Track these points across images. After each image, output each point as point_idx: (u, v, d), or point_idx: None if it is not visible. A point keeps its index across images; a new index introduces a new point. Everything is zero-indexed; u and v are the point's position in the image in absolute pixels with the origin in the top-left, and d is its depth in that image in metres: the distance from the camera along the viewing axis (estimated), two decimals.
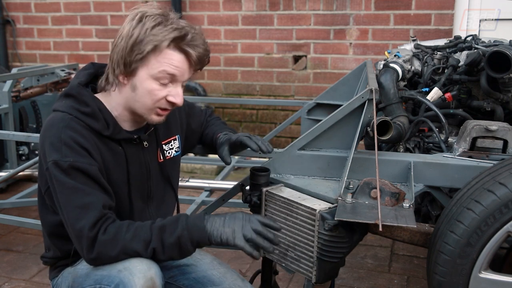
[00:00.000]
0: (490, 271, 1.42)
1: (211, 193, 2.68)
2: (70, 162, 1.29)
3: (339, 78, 2.85)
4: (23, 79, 3.15)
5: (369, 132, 1.58)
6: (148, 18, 1.32)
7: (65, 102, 1.39)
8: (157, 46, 1.32)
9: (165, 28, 1.32)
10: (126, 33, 1.33)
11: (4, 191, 3.33)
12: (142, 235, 1.31)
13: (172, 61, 1.35)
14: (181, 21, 1.37)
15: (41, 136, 1.36)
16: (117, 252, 1.29)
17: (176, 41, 1.33)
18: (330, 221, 1.44)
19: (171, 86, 1.38)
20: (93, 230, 1.28)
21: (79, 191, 1.30)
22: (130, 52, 1.32)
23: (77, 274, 1.42)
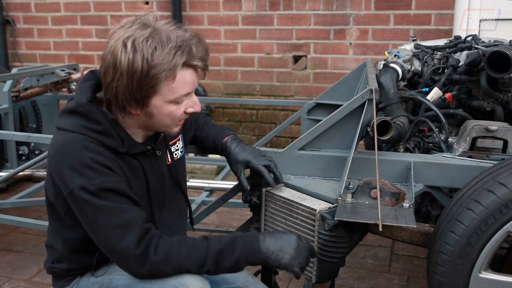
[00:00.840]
0: (490, 271, 1.42)
1: (211, 193, 2.68)
2: (98, 184, 1.25)
3: (339, 78, 2.85)
4: (23, 79, 3.15)
5: (369, 132, 1.58)
6: (141, 45, 1.22)
7: (73, 120, 1.32)
8: (168, 75, 1.25)
9: (167, 52, 1.23)
10: (125, 68, 1.23)
11: (4, 191, 3.33)
12: (196, 255, 1.30)
13: (185, 83, 1.30)
14: (169, 27, 1.28)
15: (54, 160, 1.30)
16: (170, 271, 1.29)
17: (185, 62, 1.27)
18: (330, 221, 1.44)
19: (186, 98, 1.34)
20: (139, 248, 1.26)
21: (115, 210, 1.26)
22: (138, 88, 1.25)
23: (111, 284, 1.39)
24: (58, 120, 1.36)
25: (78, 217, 1.31)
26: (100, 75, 1.31)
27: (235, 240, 1.32)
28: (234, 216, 3.16)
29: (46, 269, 1.52)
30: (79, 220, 1.32)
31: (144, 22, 1.27)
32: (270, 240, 1.33)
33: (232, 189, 1.86)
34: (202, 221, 2.14)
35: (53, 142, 1.34)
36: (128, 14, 4.24)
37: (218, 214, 3.15)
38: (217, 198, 1.99)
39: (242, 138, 4.10)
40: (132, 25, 1.26)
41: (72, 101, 1.36)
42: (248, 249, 1.32)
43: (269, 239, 1.33)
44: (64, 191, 1.29)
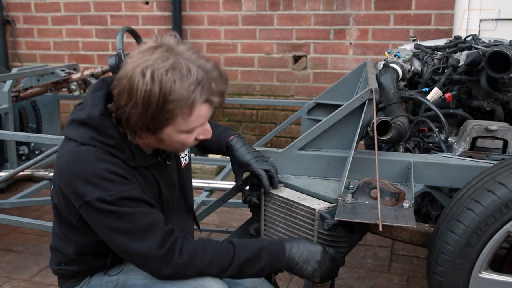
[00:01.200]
0: (490, 271, 1.42)
1: (211, 193, 2.68)
2: (115, 195, 1.24)
3: (339, 78, 2.85)
4: (23, 79, 3.15)
5: (369, 132, 1.58)
6: (160, 77, 1.18)
7: (84, 132, 1.29)
8: (184, 111, 1.23)
9: (186, 87, 1.20)
10: (141, 98, 1.19)
11: (4, 191, 3.33)
12: (220, 261, 1.31)
13: (201, 116, 1.27)
14: (190, 55, 1.23)
15: (65, 172, 1.28)
16: (192, 273, 1.30)
17: (203, 99, 1.24)
18: (329, 220, 1.44)
19: (199, 127, 1.32)
20: (163, 249, 1.27)
21: (136, 214, 1.27)
22: (152, 119, 1.22)
23: (127, 283, 1.39)
24: (68, 129, 1.34)
25: (93, 226, 1.30)
26: (113, 93, 1.27)
27: (262, 250, 1.33)
28: (234, 216, 3.16)
29: (53, 270, 1.51)
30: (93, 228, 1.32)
31: (165, 48, 1.23)
32: (297, 251, 1.36)
33: (232, 189, 1.86)
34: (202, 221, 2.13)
35: (62, 153, 1.31)
36: (128, 14, 4.24)
37: (218, 214, 3.15)
38: (217, 198, 1.99)
39: None
40: (153, 53, 1.21)
41: (83, 110, 1.33)
42: (273, 260, 1.34)
43: (295, 249, 1.36)
44: (77, 203, 1.28)
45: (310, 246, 1.38)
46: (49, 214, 3.19)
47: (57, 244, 1.47)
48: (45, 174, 2.92)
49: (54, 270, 1.51)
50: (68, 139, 1.32)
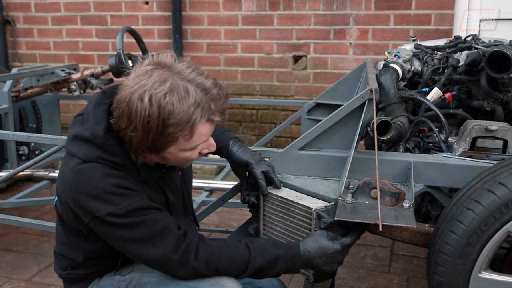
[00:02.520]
0: (490, 271, 1.42)
1: (211, 193, 2.68)
2: (126, 207, 1.25)
3: (339, 78, 2.85)
4: (23, 79, 3.15)
5: (369, 132, 1.58)
6: (158, 102, 1.17)
7: (88, 149, 1.28)
8: (185, 133, 1.22)
9: (185, 110, 1.19)
10: (140, 123, 1.19)
11: (4, 191, 3.33)
12: (235, 267, 1.34)
13: (202, 135, 1.27)
14: (188, 74, 1.22)
15: (72, 190, 1.27)
16: (210, 275, 1.32)
17: (203, 119, 1.23)
18: (326, 219, 1.44)
19: (202, 143, 1.32)
20: (178, 253, 1.28)
21: (147, 222, 1.27)
22: (153, 142, 1.23)
23: (142, 280, 1.40)
24: (70, 144, 1.32)
25: (105, 237, 1.31)
26: (113, 114, 1.26)
27: (277, 259, 1.36)
28: (234, 216, 3.16)
29: (60, 275, 1.50)
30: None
31: (163, 69, 1.21)
32: (315, 254, 1.38)
33: (232, 189, 1.86)
34: (202, 221, 2.14)
35: (67, 169, 1.30)
36: (128, 14, 4.24)
37: (218, 214, 3.15)
38: (217, 198, 1.99)
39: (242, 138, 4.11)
40: (150, 76, 1.20)
41: (86, 127, 1.30)
42: (289, 267, 1.38)
43: (313, 252, 1.38)
44: (86, 218, 1.28)
45: (327, 248, 1.38)
46: (49, 214, 3.20)
47: (63, 250, 1.46)
48: (45, 174, 2.92)
49: (60, 275, 1.50)
50: (71, 155, 1.31)
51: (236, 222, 3.04)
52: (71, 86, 3.05)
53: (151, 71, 1.21)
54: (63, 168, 1.33)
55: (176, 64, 1.24)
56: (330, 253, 1.38)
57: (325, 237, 1.40)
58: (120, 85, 1.26)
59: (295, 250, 1.38)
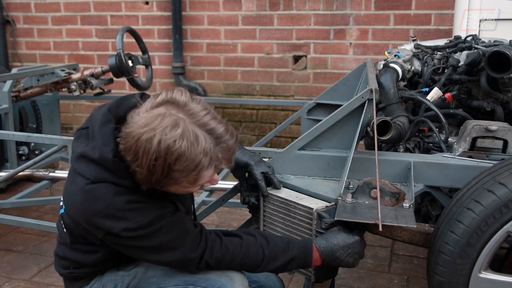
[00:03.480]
0: (490, 271, 1.42)
1: (211, 193, 2.68)
2: (141, 221, 1.25)
3: (339, 78, 2.85)
4: (23, 79, 3.15)
5: (369, 132, 1.58)
6: (167, 149, 1.17)
7: (96, 170, 1.27)
8: (187, 176, 1.22)
9: (192, 158, 1.18)
10: (146, 164, 1.19)
11: (4, 191, 3.33)
12: (246, 268, 1.39)
13: (205, 177, 1.27)
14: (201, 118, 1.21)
15: (84, 210, 1.26)
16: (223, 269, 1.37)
17: (209, 166, 1.23)
18: (327, 219, 1.44)
19: None
20: (197, 251, 1.32)
21: (164, 230, 1.29)
22: (157, 182, 1.23)
23: (147, 274, 1.41)
24: (77, 164, 1.31)
25: (121, 249, 1.33)
26: (120, 145, 1.25)
27: (290, 261, 1.39)
28: (234, 216, 3.16)
29: (61, 273, 1.49)
30: None
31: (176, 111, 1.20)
32: (337, 248, 1.40)
33: (232, 189, 1.86)
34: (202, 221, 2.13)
35: (75, 189, 1.28)
36: (128, 14, 4.24)
37: (218, 214, 3.15)
38: (217, 198, 1.99)
39: (242, 138, 4.11)
40: (163, 119, 1.18)
41: (94, 147, 1.29)
42: (300, 266, 1.42)
43: (336, 247, 1.40)
44: (99, 234, 1.29)
45: (348, 239, 1.41)
46: (49, 214, 3.20)
47: (67, 253, 1.45)
48: (45, 174, 2.92)
49: (62, 273, 1.49)
50: (78, 174, 1.30)
51: (236, 222, 3.03)
52: (71, 86, 3.05)
53: (164, 113, 1.19)
54: (71, 186, 1.32)
55: (190, 104, 1.23)
56: (351, 243, 1.40)
57: (343, 231, 1.42)
58: (131, 117, 1.24)
59: (308, 251, 1.40)
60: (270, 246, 1.38)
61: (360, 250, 1.42)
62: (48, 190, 3.08)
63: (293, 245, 1.40)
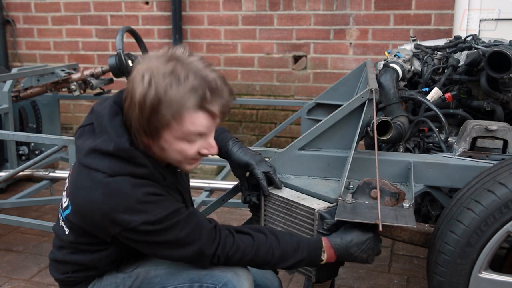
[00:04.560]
0: (490, 271, 1.42)
1: (211, 193, 2.67)
2: (160, 214, 1.25)
3: (339, 78, 2.85)
4: (23, 79, 3.15)
5: (369, 132, 1.58)
6: (157, 81, 1.20)
7: (111, 163, 1.26)
8: (175, 113, 1.22)
9: (180, 91, 1.21)
10: (137, 100, 1.21)
11: (4, 191, 3.33)
12: (259, 262, 1.38)
13: (195, 123, 1.26)
14: (196, 65, 1.25)
15: (102, 205, 1.24)
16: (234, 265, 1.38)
17: (196, 105, 1.24)
18: (328, 220, 1.44)
19: (201, 139, 1.31)
20: (213, 246, 1.32)
21: (181, 224, 1.29)
22: (147, 122, 1.23)
23: (150, 274, 1.41)
24: (89, 159, 1.28)
25: (135, 245, 1.31)
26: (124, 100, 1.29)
27: (298, 263, 1.39)
28: (234, 216, 3.16)
29: (58, 279, 1.47)
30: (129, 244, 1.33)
31: (171, 55, 1.25)
32: (352, 245, 1.41)
33: (232, 189, 1.86)
34: None
35: (90, 185, 1.26)
36: (128, 14, 4.24)
37: (218, 214, 3.15)
38: (217, 198, 1.99)
39: (242, 138, 4.10)
40: (158, 58, 1.24)
41: (106, 140, 1.28)
42: (308, 265, 1.43)
43: (350, 244, 1.41)
44: (114, 230, 1.27)
45: (361, 235, 1.41)
46: (49, 214, 3.20)
47: (69, 258, 1.42)
48: (45, 174, 2.92)
49: (59, 278, 1.47)
50: (91, 169, 1.28)
51: (236, 222, 3.03)
52: (71, 86, 3.05)
53: (161, 55, 1.26)
54: (83, 183, 1.29)
55: (188, 56, 1.27)
56: (365, 239, 1.41)
57: (356, 228, 1.42)
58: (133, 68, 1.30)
59: (318, 251, 1.40)
60: (281, 247, 1.37)
61: (374, 246, 1.42)
62: (48, 190, 3.08)
63: (303, 245, 1.39)
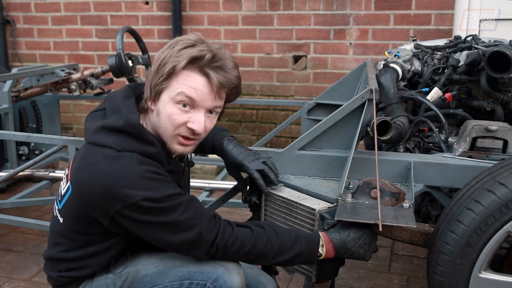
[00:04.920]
0: (490, 271, 1.42)
1: (211, 193, 2.68)
2: (163, 192, 1.26)
3: (339, 78, 2.85)
4: (23, 79, 3.15)
5: (369, 132, 1.58)
6: (178, 42, 1.32)
7: (120, 139, 1.30)
8: (175, 66, 1.29)
9: (188, 51, 1.29)
10: (156, 58, 1.33)
11: (4, 191, 3.33)
12: (250, 260, 1.39)
13: (191, 83, 1.30)
14: (213, 45, 1.33)
15: (106, 178, 1.25)
16: (223, 259, 1.37)
17: (193, 61, 1.29)
18: (329, 220, 1.44)
19: (192, 112, 1.33)
20: (211, 234, 1.32)
21: (182, 207, 1.29)
22: (155, 75, 1.31)
23: (139, 274, 1.40)
24: (97, 136, 1.32)
25: (134, 227, 1.30)
26: None
27: (296, 256, 1.39)
28: (234, 216, 3.16)
29: (52, 277, 1.47)
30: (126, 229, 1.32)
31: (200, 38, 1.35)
32: (349, 240, 1.41)
33: (232, 189, 1.86)
34: None
35: (95, 159, 1.28)
36: (128, 14, 4.24)
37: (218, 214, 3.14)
38: (217, 198, 1.99)
39: (242, 138, 4.10)
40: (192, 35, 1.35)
41: (116, 118, 1.32)
42: (305, 261, 1.42)
43: (347, 240, 1.41)
44: (115, 207, 1.26)
45: (358, 231, 1.41)
46: (49, 214, 3.20)
47: (62, 255, 1.43)
48: (45, 174, 2.92)
49: (52, 276, 1.47)
50: (98, 146, 1.30)
51: None
52: (71, 86, 3.05)
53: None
54: (88, 159, 1.31)
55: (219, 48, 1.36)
56: (361, 233, 1.41)
57: (352, 225, 1.43)
58: None
59: (315, 246, 1.40)
60: (279, 240, 1.37)
61: (370, 241, 1.43)
62: (48, 190, 3.08)
63: (301, 239, 1.40)
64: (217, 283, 1.33)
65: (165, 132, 1.36)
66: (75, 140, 2.08)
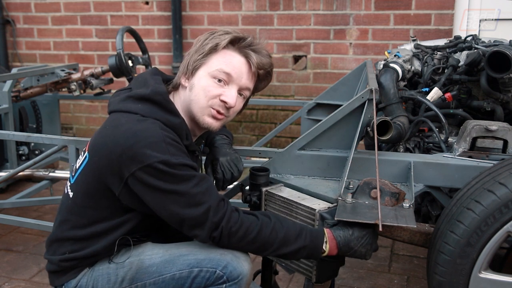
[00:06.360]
0: (490, 271, 1.42)
1: None
2: (180, 159, 1.30)
3: (339, 78, 2.85)
4: (23, 79, 3.15)
5: (369, 132, 1.58)
6: (219, 31, 1.45)
7: (145, 106, 1.37)
8: (217, 44, 1.40)
9: (228, 35, 1.43)
10: (196, 40, 1.45)
11: (4, 191, 3.33)
12: (262, 244, 1.36)
13: (231, 60, 1.42)
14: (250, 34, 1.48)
15: (128, 137, 1.29)
16: (226, 246, 1.36)
17: (234, 42, 1.43)
18: (329, 220, 1.44)
19: (226, 87, 1.42)
20: (218, 214, 1.31)
21: (196, 180, 1.31)
22: (195, 53, 1.43)
23: (144, 264, 1.39)
24: (123, 103, 1.39)
25: (146, 193, 1.31)
26: None
27: (301, 249, 1.38)
28: None
29: (52, 262, 1.46)
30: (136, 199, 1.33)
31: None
32: (352, 239, 1.41)
33: (232, 189, 1.86)
34: None
35: (118, 122, 1.34)
36: (128, 14, 4.24)
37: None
38: None
39: (242, 138, 4.10)
40: None
41: (144, 89, 1.40)
42: (309, 256, 1.41)
43: (350, 238, 1.41)
44: (132, 168, 1.28)
45: (361, 231, 1.41)
46: (49, 214, 3.20)
47: (68, 234, 1.43)
48: (45, 174, 2.92)
49: (53, 261, 1.46)
50: (123, 112, 1.37)
51: None
52: (71, 86, 3.05)
53: None
54: (110, 123, 1.37)
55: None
56: (364, 233, 1.41)
57: (354, 224, 1.43)
58: None
59: (320, 241, 1.40)
60: (284, 230, 1.37)
61: (372, 241, 1.43)
62: (48, 190, 3.08)
63: (306, 232, 1.40)
64: (226, 270, 1.33)
65: (197, 103, 1.42)
66: (75, 140, 2.08)
